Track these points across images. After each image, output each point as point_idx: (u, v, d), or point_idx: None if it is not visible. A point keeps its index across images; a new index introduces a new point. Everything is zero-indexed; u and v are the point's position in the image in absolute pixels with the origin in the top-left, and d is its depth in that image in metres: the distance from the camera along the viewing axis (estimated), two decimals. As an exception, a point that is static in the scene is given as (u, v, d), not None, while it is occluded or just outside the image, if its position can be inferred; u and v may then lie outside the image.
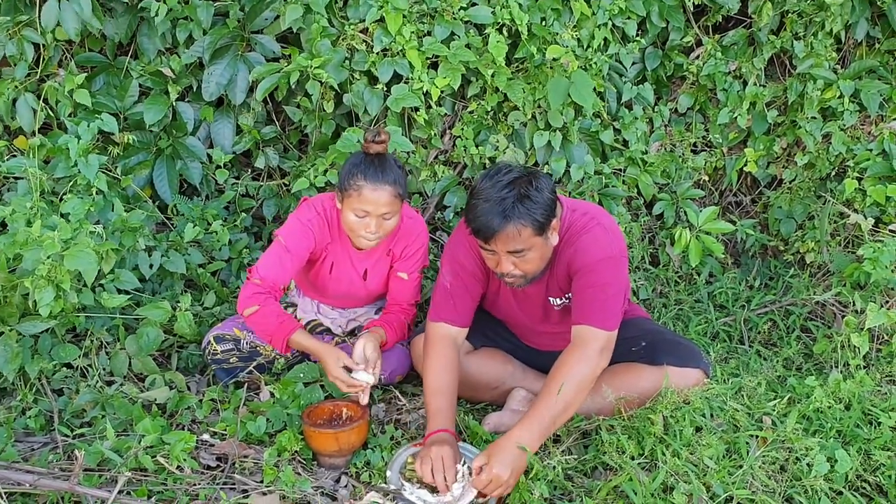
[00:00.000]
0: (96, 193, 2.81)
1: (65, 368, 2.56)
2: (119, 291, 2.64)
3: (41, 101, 3.01)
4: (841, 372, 2.60)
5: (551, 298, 2.48)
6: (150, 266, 2.84)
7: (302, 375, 2.60)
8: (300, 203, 2.67)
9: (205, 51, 3.10)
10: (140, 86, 3.15)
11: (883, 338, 2.74)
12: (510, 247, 2.19)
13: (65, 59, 3.17)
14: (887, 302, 2.84)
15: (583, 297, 2.29)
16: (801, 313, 3.11)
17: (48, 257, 2.29)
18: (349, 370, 2.40)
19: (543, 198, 2.18)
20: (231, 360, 2.69)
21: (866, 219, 3.06)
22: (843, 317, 2.83)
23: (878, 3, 3.36)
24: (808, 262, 3.41)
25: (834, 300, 3.03)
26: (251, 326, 2.53)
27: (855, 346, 2.62)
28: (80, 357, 2.56)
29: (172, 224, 3.10)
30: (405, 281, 2.72)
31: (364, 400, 2.41)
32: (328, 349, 2.43)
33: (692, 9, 3.52)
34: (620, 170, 3.40)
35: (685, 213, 3.37)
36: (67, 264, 2.29)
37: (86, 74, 3.03)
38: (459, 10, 3.11)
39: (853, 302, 2.83)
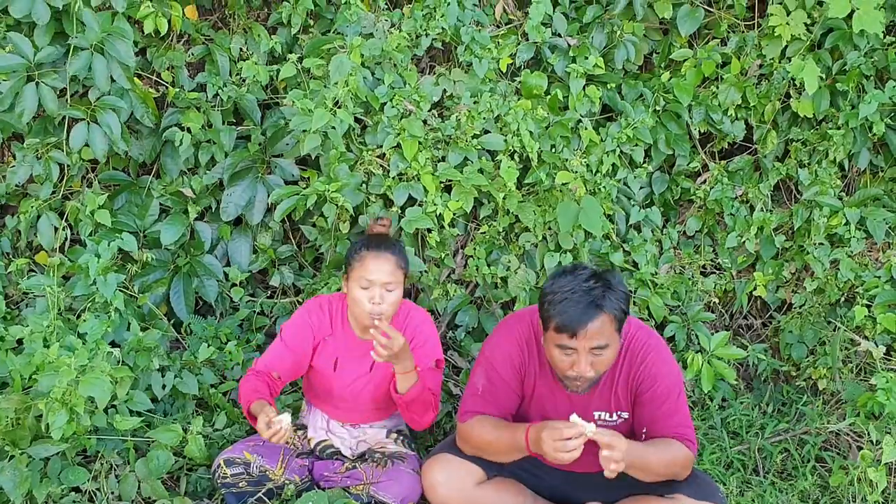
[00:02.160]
0: (114, 311, 2.85)
1: (73, 493, 2.53)
2: (131, 413, 2.64)
3: (63, 220, 3.09)
4: (859, 507, 2.55)
5: (598, 412, 2.44)
6: (163, 387, 2.85)
7: (312, 503, 2.57)
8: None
9: (225, 172, 3.20)
10: (160, 204, 3.23)
11: (900, 471, 2.71)
12: (595, 341, 2.18)
13: (88, 177, 3.26)
14: (903, 433, 2.81)
15: (659, 412, 2.34)
16: (816, 443, 3.08)
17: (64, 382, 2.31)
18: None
19: (624, 290, 2.25)
20: (240, 485, 2.66)
21: (878, 346, 3.06)
22: (859, 448, 2.79)
23: (870, 135, 3.46)
24: (820, 389, 3.39)
25: (848, 430, 3.00)
26: (239, 395, 2.57)
27: (872, 481, 2.58)
28: (89, 481, 2.54)
29: (186, 343, 3.12)
30: (420, 373, 2.63)
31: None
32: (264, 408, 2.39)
33: (698, 136, 3.63)
34: (631, 291, 3.44)
35: (696, 336, 3.39)
36: (82, 391, 2.31)
37: (108, 194, 3.11)
38: (473, 137, 3.21)
39: (868, 433, 2.81)
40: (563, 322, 2.18)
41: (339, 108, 2.99)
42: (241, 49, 3.29)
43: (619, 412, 2.43)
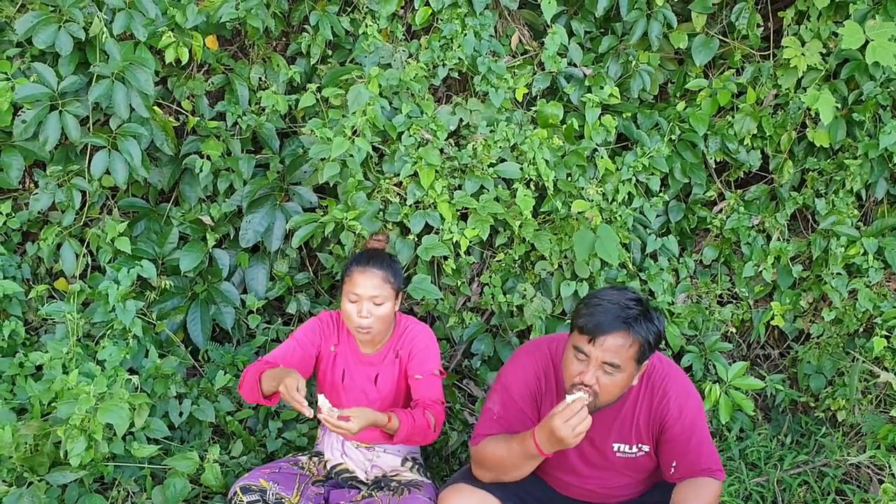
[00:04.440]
0: (132, 338, 2.87)
1: (90, 520, 2.54)
2: (149, 440, 2.65)
3: (83, 247, 3.12)
4: (881, 542, 2.52)
5: (617, 444, 2.43)
6: (180, 414, 2.86)
7: (327, 532, 2.56)
8: None
9: (244, 199, 3.23)
10: (179, 232, 3.25)
11: (923, 506, 2.67)
12: (609, 357, 2.18)
13: (108, 204, 3.30)
14: (925, 466, 2.78)
15: (688, 447, 2.33)
16: (836, 475, 3.05)
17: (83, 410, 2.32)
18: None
19: (658, 328, 2.24)
20: (256, 513, 2.65)
21: (897, 377, 3.04)
22: (880, 481, 2.76)
23: (890, 165, 3.46)
24: (840, 421, 3.36)
25: (869, 462, 2.97)
26: (240, 384, 2.58)
27: (894, 515, 2.55)
28: (105, 508, 2.54)
29: (203, 370, 3.13)
30: (422, 380, 2.70)
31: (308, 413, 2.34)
32: (293, 371, 2.42)
33: (714, 165, 3.63)
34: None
35: (714, 366, 3.37)
36: (101, 418, 2.32)
37: (127, 222, 3.14)
38: (489, 165, 3.23)
39: (889, 465, 2.78)
40: (587, 324, 2.20)
41: (357, 136, 3.01)
42: (260, 78, 3.32)
43: (639, 444, 2.42)
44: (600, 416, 2.33)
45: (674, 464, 2.35)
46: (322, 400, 2.37)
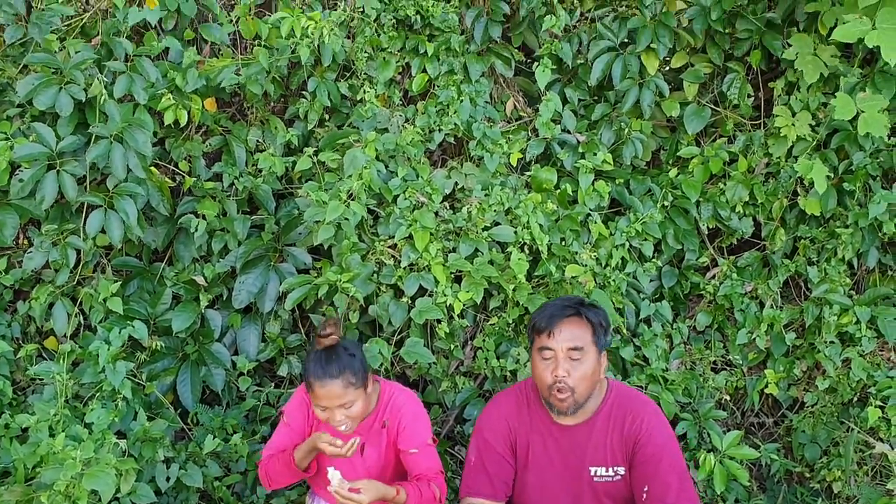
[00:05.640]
0: (121, 400, 2.83)
1: (70, 589, 2.47)
2: (134, 506, 2.60)
3: (75, 306, 3.10)
4: None
5: (594, 468, 2.48)
6: (168, 479, 2.80)
7: None
8: None
9: (238, 260, 3.22)
10: (172, 292, 3.24)
11: (921, 581, 2.62)
12: (571, 341, 2.39)
13: (102, 262, 3.28)
14: (922, 541, 2.74)
15: (659, 469, 2.38)
16: (833, 548, 3.00)
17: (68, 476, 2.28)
18: None
19: (604, 314, 2.51)
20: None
21: (893, 449, 3.01)
22: (878, 556, 2.72)
23: (880, 235, 3.50)
24: (835, 492, 3.32)
25: (866, 536, 2.92)
26: (268, 481, 2.62)
27: (893, 592, 2.50)
28: (87, 577, 2.47)
29: (192, 433, 3.09)
30: (418, 454, 2.59)
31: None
32: (315, 435, 2.51)
33: (706, 231, 3.66)
34: (641, 387, 3.41)
35: (708, 434, 3.34)
36: (86, 484, 2.27)
37: (120, 282, 3.12)
38: (483, 229, 3.25)
39: (886, 540, 2.74)
40: (540, 320, 2.44)
41: (353, 200, 3.03)
42: (257, 140, 3.35)
43: (615, 467, 2.47)
44: (574, 437, 2.47)
45: (645, 488, 2.40)
46: (332, 472, 2.36)
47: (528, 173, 3.47)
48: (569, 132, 3.54)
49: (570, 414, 2.45)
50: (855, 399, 3.50)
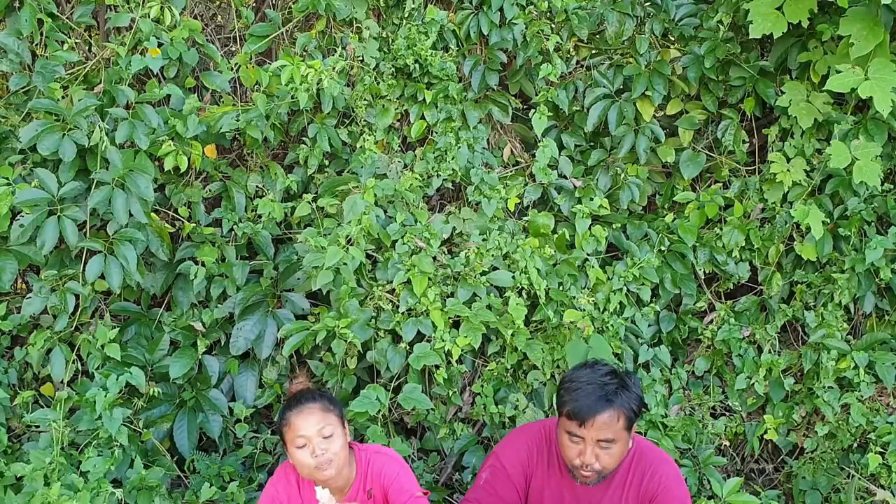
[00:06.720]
0: (118, 448, 2.81)
1: None
2: (128, 557, 2.56)
3: (73, 352, 3.09)
4: None
5: None
6: (163, 529, 2.77)
7: None
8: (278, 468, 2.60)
9: (236, 306, 3.22)
10: (170, 338, 3.23)
11: None
12: (603, 434, 2.29)
13: (100, 308, 3.28)
14: (926, 590, 2.71)
15: None
16: None
17: (63, 526, 2.26)
18: None
19: (639, 392, 2.37)
20: None
21: (894, 496, 2.99)
22: None
23: (876, 280, 3.52)
24: (838, 540, 3.30)
25: (870, 585, 2.89)
26: None
27: None
28: None
29: (188, 481, 3.06)
30: None
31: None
32: None
33: (703, 276, 3.67)
34: (641, 433, 3.39)
35: (709, 481, 3.31)
36: (82, 535, 2.25)
37: (118, 328, 3.12)
38: (481, 273, 3.26)
39: (890, 590, 2.70)
40: (574, 410, 2.30)
41: (352, 245, 3.04)
42: (257, 186, 3.37)
43: None
44: (592, 490, 2.43)
45: None
46: (321, 491, 2.32)
47: (525, 218, 3.50)
48: (565, 177, 3.57)
49: (592, 485, 2.42)
50: (855, 445, 3.48)
